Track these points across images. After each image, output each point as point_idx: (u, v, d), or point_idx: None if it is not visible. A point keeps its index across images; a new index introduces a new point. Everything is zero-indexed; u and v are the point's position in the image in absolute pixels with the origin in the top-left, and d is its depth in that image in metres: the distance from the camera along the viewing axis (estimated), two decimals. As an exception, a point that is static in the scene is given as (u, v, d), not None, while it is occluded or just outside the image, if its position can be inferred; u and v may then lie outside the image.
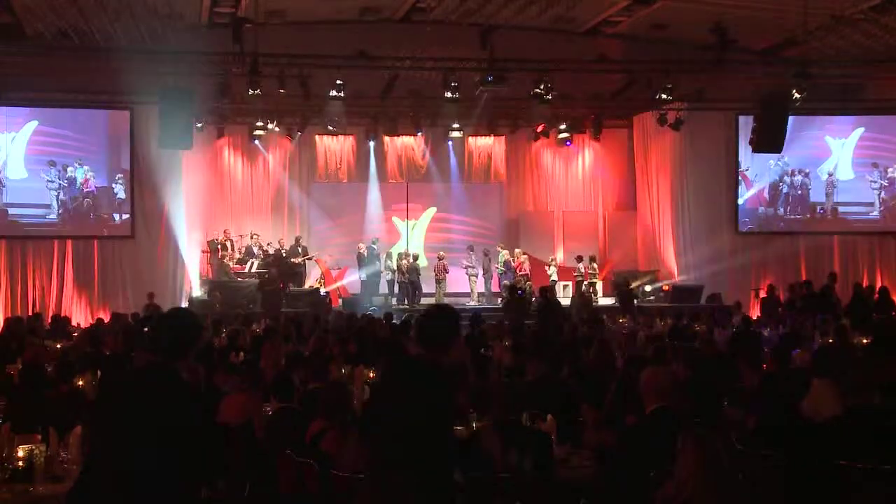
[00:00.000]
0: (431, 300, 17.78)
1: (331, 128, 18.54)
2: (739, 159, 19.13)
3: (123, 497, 3.26)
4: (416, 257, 18.57)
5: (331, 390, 5.33)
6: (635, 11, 15.96)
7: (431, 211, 20.93)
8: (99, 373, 6.88)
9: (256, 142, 19.19)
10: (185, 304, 16.62)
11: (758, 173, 19.40)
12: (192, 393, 3.54)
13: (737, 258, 18.66)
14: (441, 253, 18.58)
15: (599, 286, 19.14)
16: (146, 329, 9.80)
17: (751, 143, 16.44)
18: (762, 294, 16.69)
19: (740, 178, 19.35)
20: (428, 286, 18.30)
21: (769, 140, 15.94)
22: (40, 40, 15.01)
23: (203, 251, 18.52)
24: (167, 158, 16.84)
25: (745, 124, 17.57)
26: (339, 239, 19.60)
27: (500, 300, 17.92)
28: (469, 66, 15.35)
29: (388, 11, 16.62)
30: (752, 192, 19.48)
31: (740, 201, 19.36)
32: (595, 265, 18.64)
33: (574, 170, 21.54)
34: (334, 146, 20.14)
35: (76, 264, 17.25)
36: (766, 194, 19.60)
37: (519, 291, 15.95)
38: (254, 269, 17.86)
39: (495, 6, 15.27)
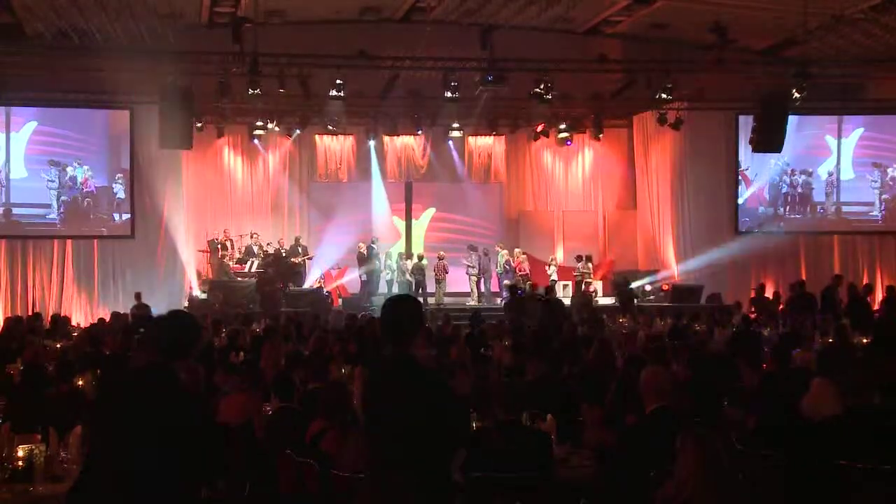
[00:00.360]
0: (431, 300, 17.80)
1: (331, 127, 18.53)
2: (739, 159, 19.13)
3: (123, 497, 3.26)
4: (421, 257, 18.60)
5: (331, 390, 5.33)
6: (635, 11, 15.96)
7: (431, 211, 20.91)
8: (99, 373, 6.87)
9: (256, 141, 19.20)
10: (185, 304, 16.65)
11: (758, 173, 19.40)
12: (191, 393, 3.54)
13: (737, 258, 18.66)
14: (441, 253, 18.57)
15: (599, 286, 19.15)
16: (142, 329, 9.78)
17: (751, 142, 16.44)
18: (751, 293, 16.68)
19: (740, 177, 19.35)
20: (428, 286, 18.31)
21: (769, 140, 15.94)
22: (40, 40, 15.01)
23: (203, 251, 18.52)
24: (167, 158, 16.84)
25: (745, 124, 17.57)
26: (339, 238, 19.57)
27: (499, 300, 17.93)
28: (469, 66, 15.35)
29: (388, 11, 16.62)
30: (751, 191, 19.48)
31: (740, 201, 19.36)
32: (590, 265, 18.63)
33: (574, 169, 21.54)
34: (334, 146, 20.14)
35: (76, 264, 17.26)
36: (766, 194, 19.60)
37: (519, 291, 15.95)
38: (253, 269, 17.85)
39: (495, 6, 15.26)
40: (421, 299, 17.43)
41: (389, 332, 3.64)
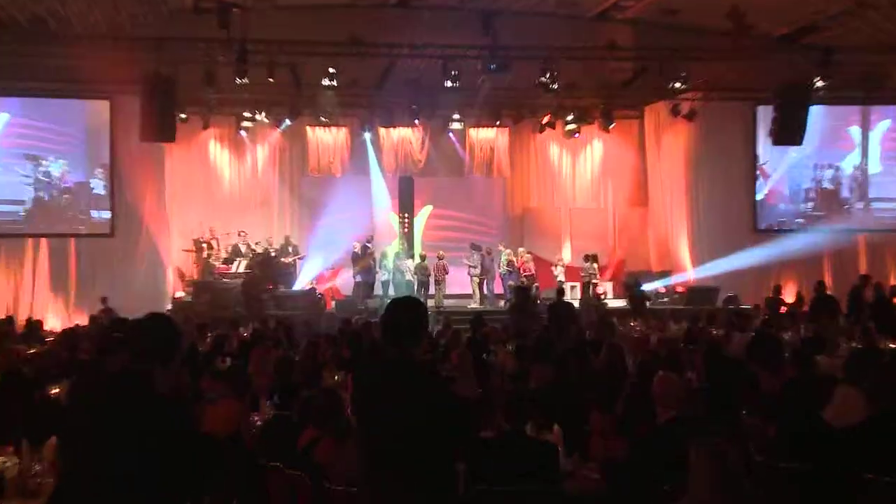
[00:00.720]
0: (430, 302, 17.77)
1: (323, 119, 18.51)
2: (758, 152, 19.12)
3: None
4: (423, 256, 18.59)
5: (323, 398, 5.32)
6: (646, -5, 15.97)
7: (428, 208, 20.89)
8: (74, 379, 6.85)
9: (243, 133, 19.17)
10: (168, 307, 16.63)
11: (778, 167, 19.38)
12: (170, 398, 3.51)
13: (756, 258, 18.61)
14: (441, 252, 18.54)
15: (610, 288, 19.12)
16: (117, 334, 9.75)
17: (770, 134, 16.43)
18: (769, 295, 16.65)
19: (759, 172, 19.33)
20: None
21: (789, 132, 15.92)
22: (15, 28, 14.98)
23: (187, 250, 18.49)
24: (149, 152, 16.84)
25: (764, 115, 17.54)
26: (332, 237, 19.55)
27: (503, 302, 17.90)
28: (470, 54, 15.33)
29: (385, -5, 16.63)
30: (771, 186, 19.46)
31: (759, 197, 19.35)
32: (595, 265, 18.58)
33: (582, 163, 21.51)
34: (327, 138, 20.11)
35: (52, 264, 17.23)
36: (786, 189, 19.58)
37: (524, 292, 15.91)
38: (241, 269, 17.83)
39: (498, -11, 15.28)
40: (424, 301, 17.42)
41: (390, 335, 3.69)
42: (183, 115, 16.77)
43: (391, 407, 3.56)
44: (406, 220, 20.59)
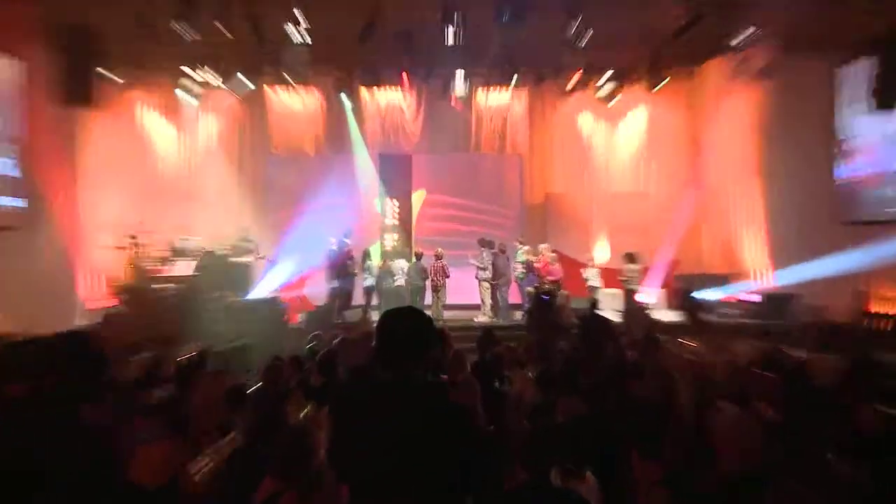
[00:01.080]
0: (427, 313, 17.76)
1: (290, 80, 18.51)
2: (846, 123, 19.10)
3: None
4: (419, 256, 18.58)
5: (287, 439, 5.30)
6: (704, -80, 15.95)
7: (421, 193, 20.90)
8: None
9: (187, 97, 19.16)
10: (86, 321, 16.62)
11: (872, 142, 19.36)
12: (101, 436, 3.48)
13: (847, 258, 18.61)
14: (439, 250, 18.56)
15: (657, 295, 19.13)
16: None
17: (870, 97, 16.43)
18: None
19: (847, 148, 19.32)
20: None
21: (889, 96, 15.92)
22: None
23: (114, 247, 18.47)
24: (64, 121, 16.85)
25: (855, 76, 17.50)
26: (301, 232, 19.59)
27: (520, 314, 17.91)
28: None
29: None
30: (863, 166, 19.45)
31: (847, 180, 19.33)
32: (636, 267, 18.55)
33: (620, 136, 21.57)
34: (295, 105, 20.14)
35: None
36: (883, 170, 19.56)
37: (545, 297, 15.94)
38: (181, 273, 17.81)
39: (513, -86, 15.26)
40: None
41: (383, 352, 3.72)
42: (107, 74, 16.73)
43: (380, 419, 3.69)
44: (396, 210, 20.61)
